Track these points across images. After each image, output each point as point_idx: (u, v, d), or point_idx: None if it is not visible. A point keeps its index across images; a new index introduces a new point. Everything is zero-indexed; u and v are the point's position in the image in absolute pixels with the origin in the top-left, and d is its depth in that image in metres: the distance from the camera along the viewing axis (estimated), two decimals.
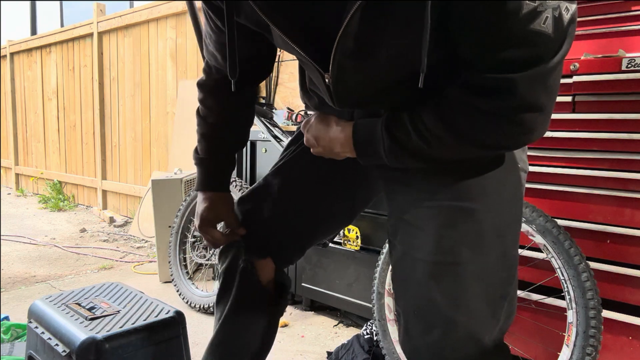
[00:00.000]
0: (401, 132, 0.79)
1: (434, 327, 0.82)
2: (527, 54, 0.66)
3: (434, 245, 0.82)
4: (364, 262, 2.08)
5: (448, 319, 0.80)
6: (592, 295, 1.34)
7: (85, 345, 1.19)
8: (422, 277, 0.83)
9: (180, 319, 1.37)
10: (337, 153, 0.90)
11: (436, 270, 0.82)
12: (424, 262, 0.83)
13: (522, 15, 0.62)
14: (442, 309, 0.81)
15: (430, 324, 0.82)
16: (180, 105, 3.80)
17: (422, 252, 0.83)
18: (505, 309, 0.84)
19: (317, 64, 0.77)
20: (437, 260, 0.82)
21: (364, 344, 1.84)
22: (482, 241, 0.81)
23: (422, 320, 0.83)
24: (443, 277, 0.81)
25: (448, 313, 0.80)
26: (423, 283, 0.83)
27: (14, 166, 6.38)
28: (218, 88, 1.06)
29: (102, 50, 4.76)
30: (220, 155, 1.10)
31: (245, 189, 2.38)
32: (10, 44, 6.18)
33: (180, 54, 3.95)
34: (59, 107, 5.53)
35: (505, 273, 0.84)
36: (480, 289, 0.81)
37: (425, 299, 0.83)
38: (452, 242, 0.81)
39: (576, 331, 1.35)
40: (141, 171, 4.44)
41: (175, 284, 2.52)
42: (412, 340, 0.86)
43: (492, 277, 0.82)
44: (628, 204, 1.43)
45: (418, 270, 0.84)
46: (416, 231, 0.85)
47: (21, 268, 3.08)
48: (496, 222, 0.82)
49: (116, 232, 4.08)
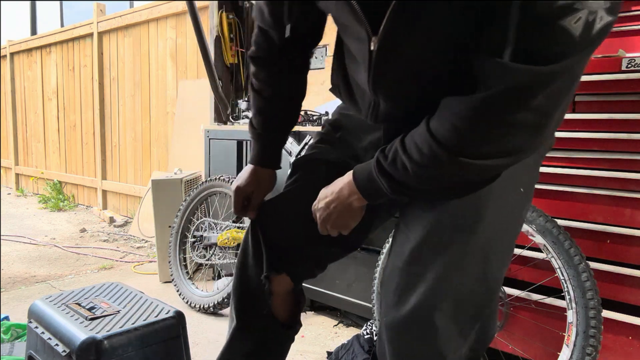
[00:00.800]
0: (396, 167, 0.78)
1: (400, 337, 0.83)
2: (544, 47, 0.61)
3: (409, 254, 0.83)
4: (364, 262, 2.08)
5: (411, 327, 0.82)
6: (592, 295, 1.34)
7: (85, 345, 1.19)
8: (395, 284, 0.85)
9: (180, 319, 1.37)
10: (349, 204, 0.88)
11: (406, 279, 0.83)
12: (398, 270, 0.85)
13: (557, 5, 0.58)
14: (406, 320, 0.82)
15: (396, 334, 0.84)
16: (180, 105, 3.80)
17: (399, 260, 0.85)
18: (477, 330, 0.84)
19: (369, 22, 0.75)
20: (409, 270, 0.83)
21: (364, 344, 1.84)
22: (462, 260, 0.81)
23: (389, 328, 0.85)
24: (411, 287, 0.82)
25: (411, 321, 0.82)
26: (392, 290, 0.85)
27: (14, 166, 6.38)
28: (269, 58, 1.06)
29: (102, 50, 4.76)
30: (274, 130, 1.12)
31: None
32: (10, 44, 6.18)
33: (180, 54, 3.95)
34: (59, 107, 5.53)
35: (483, 295, 0.84)
36: (448, 306, 0.81)
37: (392, 307, 0.84)
38: (430, 255, 0.81)
39: (576, 331, 1.35)
40: (141, 171, 4.44)
41: (175, 284, 2.52)
42: (381, 344, 0.88)
43: (466, 297, 0.82)
44: (628, 204, 1.43)
45: (393, 277, 0.86)
46: (404, 239, 0.86)
47: (21, 268, 3.08)
48: (484, 246, 0.82)
49: (116, 232, 4.08)
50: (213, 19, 3.18)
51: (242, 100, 2.48)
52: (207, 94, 3.30)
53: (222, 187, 2.49)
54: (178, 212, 2.61)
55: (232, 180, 2.42)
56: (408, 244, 0.84)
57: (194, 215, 2.61)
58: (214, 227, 2.50)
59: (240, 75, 3.26)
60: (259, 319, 1.07)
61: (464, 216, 0.81)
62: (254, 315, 1.07)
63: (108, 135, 4.83)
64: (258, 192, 1.14)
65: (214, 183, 2.51)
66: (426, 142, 0.73)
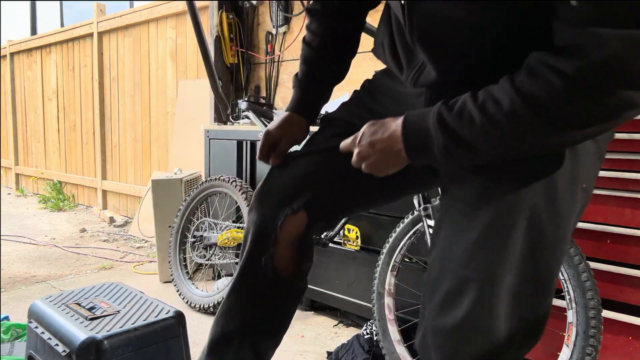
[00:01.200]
0: (461, 119, 0.70)
1: (452, 343, 0.79)
2: (632, 9, 0.56)
3: (461, 256, 0.78)
4: (364, 262, 2.08)
5: (463, 332, 0.79)
6: (592, 295, 1.34)
7: (85, 345, 1.19)
8: (446, 287, 0.80)
9: (180, 319, 1.37)
10: (397, 153, 0.80)
11: (457, 282, 0.78)
12: (450, 272, 0.79)
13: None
14: (460, 325, 0.78)
15: (448, 339, 0.80)
16: (180, 105, 3.80)
17: (449, 261, 0.80)
18: (528, 332, 0.79)
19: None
20: (461, 274, 0.78)
21: (364, 344, 1.84)
22: (517, 262, 0.75)
23: (439, 334, 0.80)
24: (463, 291, 0.77)
25: (464, 327, 0.78)
26: (442, 293, 0.80)
27: (14, 166, 6.38)
28: (325, 12, 1.07)
29: (102, 50, 4.76)
30: (316, 80, 1.11)
31: (245, 189, 2.38)
32: (10, 44, 6.18)
33: (180, 54, 3.95)
34: (59, 107, 5.53)
35: (536, 297, 0.78)
36: (502, 309, 0.76)
37: (442, 311, 0.80)
38: (483, 258, 0.76)
39: (576, 331, 1.35)
40: (141, 171, 4.44)
41: (175, 284, 2.52)
42: (425, 350, 0.84)
43: (521, 299, 0.77)
44: (628, 204, 1.43)
45: (443, 279, 0.80)
46: (452, 237, 0.81)
47: (21, 268, 3.08)
48: (540, 246, 0.76)
49: (116, 232, 4.08)
50: (213, 19, 3.18)
51: (242, 100, 2.48)
52: (207, 94, 3.30)
53: (222, 187, 2.49)
54: (178, 212, 2.61)
55: (232, 180, 2.42)
56: (459, 244, 0.79)
57: (194, 215, 2.61)
58: (214, 227, 2.50)
59: (240, 75, 3.26)
60: (256, 273, 1.01)
61: (520, 214, 0.74)
62: (256, 268, 1.01)
63: (108, 135, 4.83)
64: (287, 138, 1.09)
65: (214, 183, 2.51)
66: (508, 97, 0.66)
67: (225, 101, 3.12)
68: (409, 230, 1.71)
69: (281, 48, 3.12)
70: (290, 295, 1.07)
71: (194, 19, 2.82)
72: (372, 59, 1.16)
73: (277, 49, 3.14)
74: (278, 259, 1.00)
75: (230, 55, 3.18)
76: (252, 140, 2.59)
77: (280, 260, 1.00)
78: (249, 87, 3.30)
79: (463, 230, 0.79)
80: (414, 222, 1.70)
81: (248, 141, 2.61)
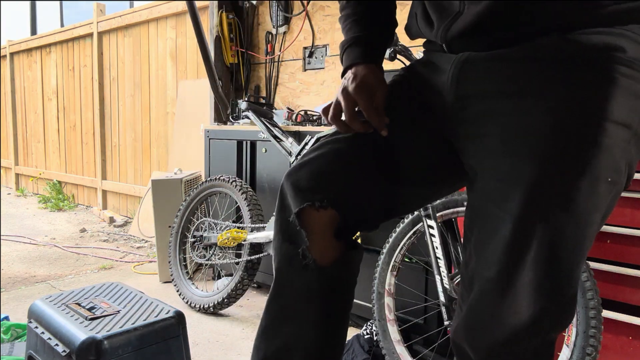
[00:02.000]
0: None
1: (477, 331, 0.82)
2: None
3: (489, 261, 0.79)
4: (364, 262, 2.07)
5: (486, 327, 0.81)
6: (592, 295, 1.34)
7: (85, 345, 1.19)
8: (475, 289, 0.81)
9: (180, 319, 1.38)
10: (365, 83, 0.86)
11: (483, 285, 0.80)
12: (488, 293, 0.80)
13: None
14: (482, 317, 0.81)
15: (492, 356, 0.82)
16: (180, 105, 3.80)
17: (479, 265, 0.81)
18: None
19: None
20: (487, 277, 0.79)
21: (364, 344, 1.84)
22: (532, 263, 0.75)
23: (486, 353, 0.82)
24: (487, 292, 0.80)
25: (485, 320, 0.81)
26: (474, 294, 0.81)
27: (14, 166, 6.38)
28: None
29: (102, 50, 4.77)
30: (383, 24, 0.99)
31: (245, 189, 2.38)
32: (10, 44, 6.19)
33: (180, 54, 3.95)
34: (59, 107, 5.53)
35: (554, 291, 0.78)
36: (523, 304, 0.77)
37: (486, 329, 0.81)
38: (504, 262, 0.77)
39: (576, 331, 1.35)
40: (141, 171, 4.44)
41: (175, 284, 2.52)
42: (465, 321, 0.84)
43: (539, 291, 0.78)
44: (628, 204, 1.43)
45: (484, 298, 0.81)
46: (484, 245, 0.81)
47: (21, 268, 3.08)
48: (556, 244, 0.75)
49: (116, 232, 4.08)
50: (213, 19, 3.18)
51: (242, 100, 2.48)
52: (207, 94, 3.30)
53: (222, 187, 2.49)
54: (178, 212, 2.61)
55: (232, 180, 2.42)
56: (488, 247, 0.78)
57: (194, 215, 2.61)
58: (214, 227, 2.50)
59: (240, 75, 3.26)
60: (296, 267, 0.89)
61: (536, 219, 0.74)
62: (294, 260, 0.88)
63: (108, 135, 4.83)
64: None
65: (214, 183, 2.51)
66: None
67: (225, 101, 3.12)
68: (409, 230, 1.71)
69: (281, 48, 3.12)
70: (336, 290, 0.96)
71: (194, 19, 2.82)
72: None
73: (277, 49, 3.14)
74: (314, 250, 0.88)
75: (230, 55, 3.18)
76: (252, 140, 2.59)
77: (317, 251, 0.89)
78: (249, 87, 3.30)
79: (492, 241, 0.78)
80: (414, 222, 1.70)
81: (248, 141, 2.61)
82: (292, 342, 0.90)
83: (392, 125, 0.90)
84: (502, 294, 0.77)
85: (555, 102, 0.74)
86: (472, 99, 0.82)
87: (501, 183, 0.76)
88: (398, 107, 0.93)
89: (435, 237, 1.60)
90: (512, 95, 0.77)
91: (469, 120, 0.83)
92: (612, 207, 0.79)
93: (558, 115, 0.73)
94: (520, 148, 0.75)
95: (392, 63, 1.73)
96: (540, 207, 0.73)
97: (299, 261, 0.88)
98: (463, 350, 0.85)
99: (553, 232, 0.74)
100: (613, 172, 0.74)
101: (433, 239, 1.60)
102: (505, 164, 0.76)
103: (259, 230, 2.27)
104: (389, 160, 0.90)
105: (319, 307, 0.92)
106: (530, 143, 0.74)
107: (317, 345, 0.92)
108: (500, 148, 0.77)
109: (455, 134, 0.86)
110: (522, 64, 0.77)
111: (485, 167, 0.80)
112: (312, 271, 0.88)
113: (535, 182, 0.73)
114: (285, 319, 0.91)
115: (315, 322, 0.92)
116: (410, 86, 0.96)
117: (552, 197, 0.73)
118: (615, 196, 0.77)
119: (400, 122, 0.91)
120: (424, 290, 1.89)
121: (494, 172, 0.78)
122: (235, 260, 2.34)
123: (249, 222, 2.30)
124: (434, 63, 0.91)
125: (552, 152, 0.73)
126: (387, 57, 1.67)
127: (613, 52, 0.73)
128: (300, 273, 0.89)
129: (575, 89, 0.73)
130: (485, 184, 0.80)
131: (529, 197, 0.73)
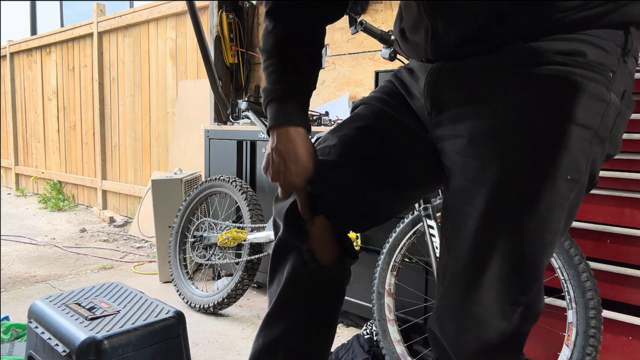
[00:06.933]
0: None
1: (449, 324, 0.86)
2: None
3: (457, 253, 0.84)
4: (364, 262, 2.08)
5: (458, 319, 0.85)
6: (592, 295, 1.34)
7: (85, 345, 1.19)
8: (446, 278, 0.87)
9: (180, 319, 1.38)
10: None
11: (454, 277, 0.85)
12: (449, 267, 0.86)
13: None
14: (454, 309, 0.85)
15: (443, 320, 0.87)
16: (180, 106, 3.80)
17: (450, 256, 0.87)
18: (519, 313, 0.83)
19: None
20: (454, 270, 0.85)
21: (364, 344, 1.85)
22: (499, 258, 0.80)
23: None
24: (455, 283, 0.85)
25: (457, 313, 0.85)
26: (446, 283, 0.87)
27: (14, 166, 6.38)
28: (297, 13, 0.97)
29: (102, 50, 4.77)
30: (309, 85, 1.05)
31: (245, 189, 2.38)
32: (10, 44, 6.19)
33: (180, 54, 3.95)
34: (59, 107, 5.53)
35: (520, 285, 0.82)
36: (490, 296, 0.81)
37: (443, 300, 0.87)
38: (470, 254, 0.82)
39: (576, 331, 1.35)
40: (141, 171, 4.44)
41: (175, 284, 2.52)
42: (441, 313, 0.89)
43: (506, 285, 0.82)
44: (628, 204, 1.43)
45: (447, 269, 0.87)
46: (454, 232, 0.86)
47: (21, 268, 3.08)
48: (518, 240, 0.80)
49: (116, 232, 4.08)
50: (213, 19, 3.18)
51: (242, 100, 2.48)
52: (207, 94, 3.30)
53: (222, 187, 2.49)
54: (178, 212, 2.61)
55: (232, 180, 2.42)
56: (457, 240, 0.84)
57: (194, 215, 2.61)
58: (214, 227, 2.50)
59: (240, 75, 3.26)
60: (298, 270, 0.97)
61: (499, 217, 0.79)
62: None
63: (108, 135, 4.83)
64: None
65: (214, 183, 2.51)
66: None
67: (225, 101, 3.12)
68: (409, 230, 1.71)
69: None
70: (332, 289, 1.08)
71: (194, 19, 2.82)
72: (372, 59, 1.15)
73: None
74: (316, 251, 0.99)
75: (230, 55, 3.18)
76: (252, 140, 2.59)
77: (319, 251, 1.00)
78: (249, 87, 3.30)
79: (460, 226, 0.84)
80: (414, 222, 1.70)
81: (248, 141, 2.61)
82: (281, 338, 0.98)
83: (390, 131, 0.97)
84: (468, 285, 0.82)
85: (518, 105, 0.78)
86: (445, 105, 0.88)
87: (469, 182, 0.82)
88: (391, 116, 0.99)
89: (435, 237, 1.60)
90: (478, 100, 0.82)
91: (444, 123, 0.88)
92: (578, 204, 0.83)
93: (521, 118, 0.78)
94: (486, 150, 0.80)
95: (392, 63, 1.73)
96: (504, 205, 0.78)
97: (299, 260, 0.97)
98: (437, 339, 0.90)
99: (516, 228, 0.79)
100: (573, 171, 0.78)
101: (433, 239, 1.60)
102: (472, 164, 0.82)
103: (259, 230, 2.27)
104: (387, 166, 0.96)
105: (311, 305, 1.02)
106: (494, 145, 0.79)
107: (304, 342, 1.01)
108: (469, 149, 0.82)
109: (436, 136, 0.92)
110: (488, 71, 0.82)
111: (456, 166, 0.85)
112: (312, 270, 0.98)
113: (499, 181, 0.78)
114: (279, 316, 0.99)
115: (305, 319, 1.01)
116: (398, 91, 1.02)
117: (515, 195, 0.78)
118: (579, 194, 0.81)
119: (396, 128, 0.98)
120: (424, 290, 1.90)
121: (463, 171, 0.83)
122: (235, 260, 2.34)
123: (249, 222, 2.30)
124: (414, 71, 0.98)
125: (515, 153, 0.78)
126: (387, 57, 1.68)
127: (574, 56, 0.76)
128: (300, 272, 0.98)
129: (537, 92, 0.78)
130: (456, 182, 0.85)
131: (493, 195, 0.78)
